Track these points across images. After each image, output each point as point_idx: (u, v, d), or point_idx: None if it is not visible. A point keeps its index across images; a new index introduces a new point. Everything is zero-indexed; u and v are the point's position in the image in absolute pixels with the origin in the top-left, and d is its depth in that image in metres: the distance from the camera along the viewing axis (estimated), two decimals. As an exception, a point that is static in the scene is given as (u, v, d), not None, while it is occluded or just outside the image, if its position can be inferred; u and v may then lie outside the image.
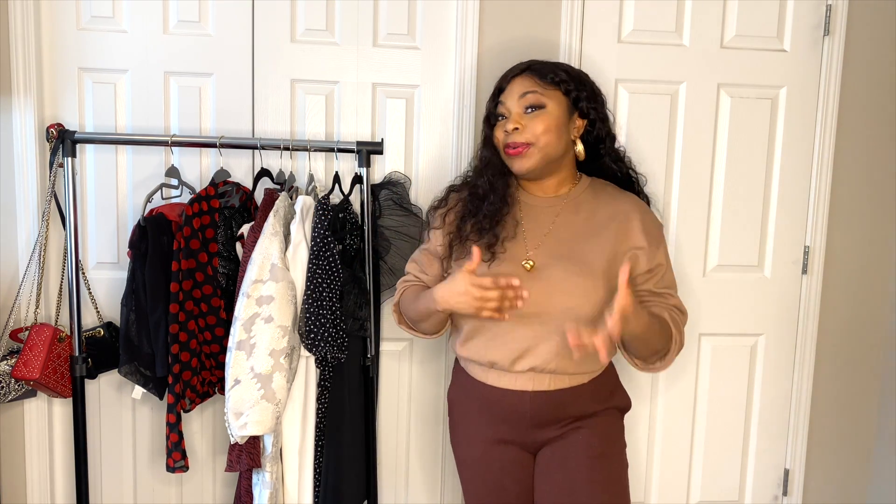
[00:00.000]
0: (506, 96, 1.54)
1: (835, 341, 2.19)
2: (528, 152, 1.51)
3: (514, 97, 1.53)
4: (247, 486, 1.78)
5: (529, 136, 1.50)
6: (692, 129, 2.07)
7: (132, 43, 1.92)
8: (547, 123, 1.50)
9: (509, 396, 1.52)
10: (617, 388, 1.62)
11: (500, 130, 1.55)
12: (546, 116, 1.51)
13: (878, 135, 2.12)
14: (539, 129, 1.50)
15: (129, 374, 1.81)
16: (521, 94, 1.52)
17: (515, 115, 1.52)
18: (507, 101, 1.54)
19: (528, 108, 1.51)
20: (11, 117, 1.89)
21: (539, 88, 1.51)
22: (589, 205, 1.57)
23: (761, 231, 2.13)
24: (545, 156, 1.52)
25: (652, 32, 2.03)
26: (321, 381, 1.79)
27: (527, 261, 1.50)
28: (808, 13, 2.06)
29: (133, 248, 1.78)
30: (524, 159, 1.52)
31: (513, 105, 1.53)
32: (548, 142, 1.51)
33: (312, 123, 2.00)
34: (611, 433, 1.56)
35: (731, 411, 2.19)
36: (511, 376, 1.52)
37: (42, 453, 2.00)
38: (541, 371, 1.49)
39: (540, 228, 1.55)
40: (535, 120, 1.50)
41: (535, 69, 1.55)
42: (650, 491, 2.21)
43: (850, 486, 2.26)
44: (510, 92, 1.54)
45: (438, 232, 1.63)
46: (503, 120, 1.55)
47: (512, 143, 1.52)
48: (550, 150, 1.52)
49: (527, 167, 1.52)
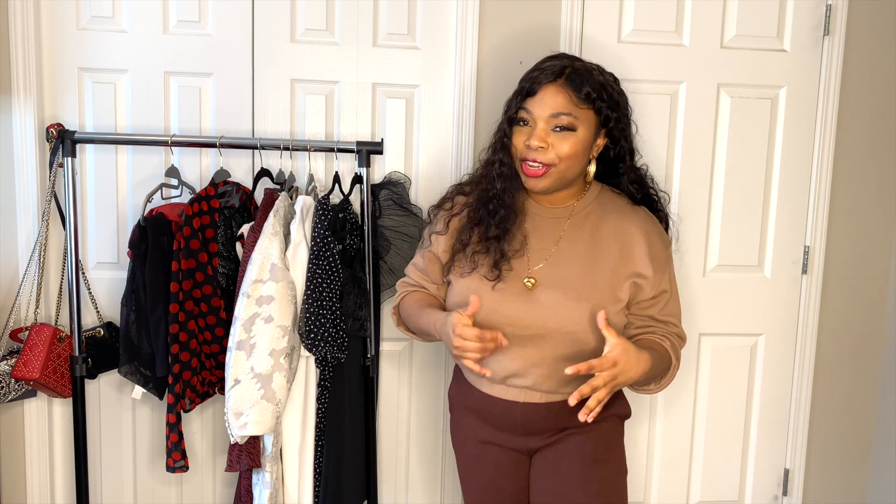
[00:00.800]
0: (535, 104, 1.43)
1: (835, 341, 2.19)
2: (548, 173, 1.43)
3: (546, 112, 1.41)
4: (247, 486, 1.78)
5: (553, 157, 1.41)
6: (692, 129, 2.07)
7: (132, 43, 1.92)
8: (574, 148, 1.41)
9: (501, 405, 1.51)
10: (617, 397, 1.58)
11: (520, 138, 1.45)
12: (574, 140, 1.41)
13: (878, 135, 2.12)
14: (565, 152, 1.41)
15: (129, 374, 1.81)
16: (553, 112, 1.40)
17: (541, 132, 1.41)
18: (535, 110, 1.42)
19: (558, 127, 1.41)
20: (11, 117, 1.89)
21: (573, 109, 1.40)
22: (595, 219, 1.51)
23: (761, 231, 2.13)
24: (562, 178, 1.45)
25: (652, 32, 2.03)
26: (321, 381, 1.79)
27: (529, 278, 1.47)
28: (808, 13, 2.06)
29: (133, 248, 1.78)
30: (542, 181, 1.44)
31: (541, 119, 1.42)
32: (570, 166, 1.43)
33: (312, 123, 1.99)
34: (607, 439, 1.53)
35: (731, 411, 2.19)
36: (503, 387, 1.51)
37: (42, 453, 2.00)
38: (533, 389, 1.48)
39: (544, 244, 1.49)
40: (562, 141, 1.41)
41: (571, 79, 1.41)
42: (650, 491, 2.21)
43: (850, 486, 2.26)
44: (541, 102, 1.42)
45: (442, 238, 1.58)
46: (525, 127, 1.45)
47: (532, 159, 1.42)
48: (570, 173, 1.45)
49: (541, 187, 1.45)
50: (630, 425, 2.13)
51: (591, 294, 1.44)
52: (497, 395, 1.51)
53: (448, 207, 1.60)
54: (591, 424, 1.47)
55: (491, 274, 1.47)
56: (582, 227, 1.50)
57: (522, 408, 1.50)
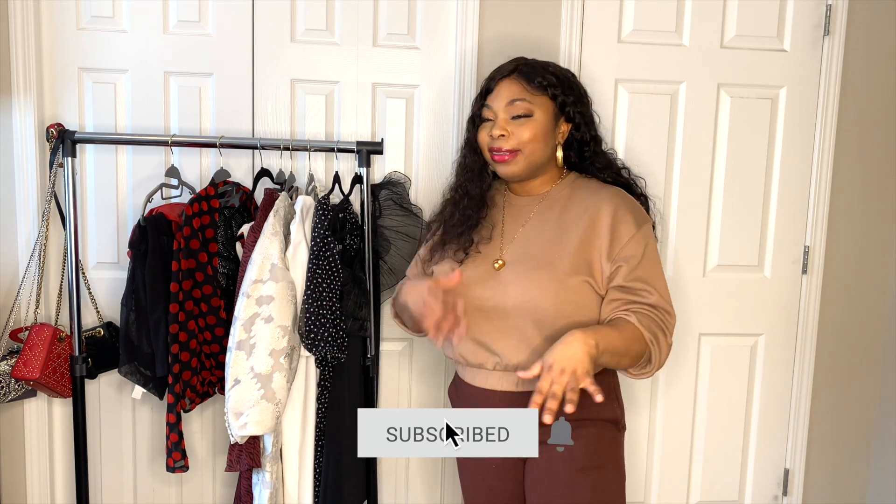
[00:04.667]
0: (493, 99, 1.53)
1: (835, 341, 2.19)
2: (515, 159, 1.50)
3: (502, 102, 1.51)
4: (247, 486, 1.78)
5: (515, 143, 1.49)
6: (692, 129, 2.07)
7: (132, 43, 1.92)
8: (534, 132, 1.49)
9: (481, 395, 1.53)
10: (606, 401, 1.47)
11: (484, 133, 1.54)
12: (533, 124, 1.50)
13: (878, 135, 2.12)
14: (525, 137, 1.49)
15: (129, 374, 1.81)
16: (508, 100, 1.50)
17: (502, 121, 1.51)
18: (494, 104, 1.53)
19: (516, 116, 1.50)
20: (11, 117, 1.89)
21: (527, 95, 1.50)
22: (565, 201, 1.55)
23: (761, 231, 2.13)
24: (531, 163, 1.52)
25: (652, 32, 2.03)
26: (321, 381, 1.79)
27: (497, 260, 1.51)
28: (808, 13, 2.06)
29: (133, 248, 1.78)
30: (510, 166, 1.52)
31: (500, 110, 1.51)
32: (533, 149, 1.50)
33: (312, 123, 2.00)
34: (599, 446, 1.48)
35: (731, 411, 2.19)
36: (483, 374, 1.52)
37: (42, 453, 2.00)
38: (504, 369, 1.48)
39: (514, 228, 1.55)
40: (521, 127, 1.49)
41: (522, 72, 1.52)
42: (650, 491, 2.21)
43: (849, 486, 2.26)
44: (497, 95, 1.52)
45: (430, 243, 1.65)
46: (488, 123, 1.54)
47: (497, 148, 1.51)
48: (536, 157, 1.51)
49: (512, 172, 1.53)
50: (630, 425, 2.13)
51: (555, 264, 1.46)
52: (481, 384, 1.53)
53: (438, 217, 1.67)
54: (580, 430, 1.44)
55: (457, 256, 1.54)
56: (551, 209, 1.55)
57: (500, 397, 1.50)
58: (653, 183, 2.06)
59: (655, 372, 1.47)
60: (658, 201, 2.05)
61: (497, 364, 1.49)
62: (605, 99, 2.02)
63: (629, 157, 2.04)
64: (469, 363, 1.53)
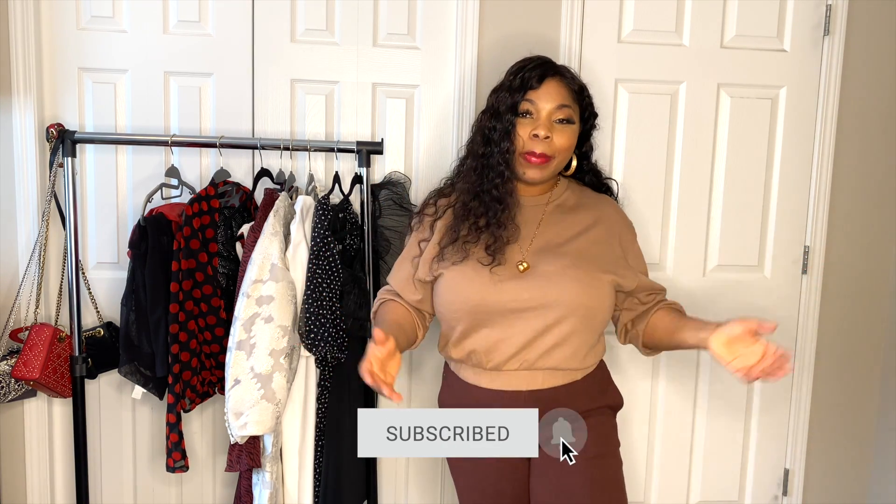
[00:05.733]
0: (540, 97, 1.47)
1: (835, 341, 2.19)
2: (547, 164, 1.49)
3: (552, 103, 1.47)
4: (247, 486, 1.78)
5: (553, 148, 1.48)
6: (692, 129, 2.07)
7: (132, 43, 1.92)
8: (571, 141, 1.50)
9: (503, 398, 1.51)
10: (608, 385, 1.61)
11: (525, 130, 1.47)
12: (571, 133, 1.50)
13: (878, 135, 2.12)
14: (564, 145, 1.49)
15: (129, 374, 1.81)
16: (559, 104, 1.48)
17: (546, 123, 1.47)
18: (540, 102, 1.47)
19: (560, 120, 1.48)
20: (11, 117, 1.89)
21: (571, 102, 1.50)
22: (573, 204, 1.58)
23: (761, 231, 2.13)
24: (555, 170, 1.53)
25: (652, 32, 2.03)
26: (321, 381, 1.79)
27: (521, 262, 1.49)
28: (808, 13, 2.06)
29: (133, 248, 1.78)
30: (541, 170, 1.50)
31: (545, 110, 1.47)
32: (564, 158, 1.52)
33: (312, 123, 2.00)
34: (605, 432, 1.55)
35: (731, 411, 2.19)
36: (505, 376, 1.50)
37: (42, 453, 2.00)
38: (536, 368, 1.48)
39: (529, 229, 1.54)
40: (562, 133, 1.48)
41: (566, 76, 1.52)
42: (650, 491, 2.21)
43: (850, 486, 2.26)
44: (545, 95, 1.48)
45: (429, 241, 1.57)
46: (528, 118, 1.48)
47: (538, 151, 1.47)
48: (561, 165, 1.54)
49: (541, 178, 1.51)
50: (630, 425, 2.14)
51: (583, 262, 1.49)
52: (500, 387, 1.51)
53: (431, 213, 1.60)
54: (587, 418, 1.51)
55: (486, 259, 1.47)
56: (561, 212, 1.57)
57: (526, 397, 1.50)
58: (653, 182, 2.07)
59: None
60: (658, 201, 2.09)
61: (529, 364, 1.48)
62: (605, 99, 2.02)
63: (629, 157, 2.05)
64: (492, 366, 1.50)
